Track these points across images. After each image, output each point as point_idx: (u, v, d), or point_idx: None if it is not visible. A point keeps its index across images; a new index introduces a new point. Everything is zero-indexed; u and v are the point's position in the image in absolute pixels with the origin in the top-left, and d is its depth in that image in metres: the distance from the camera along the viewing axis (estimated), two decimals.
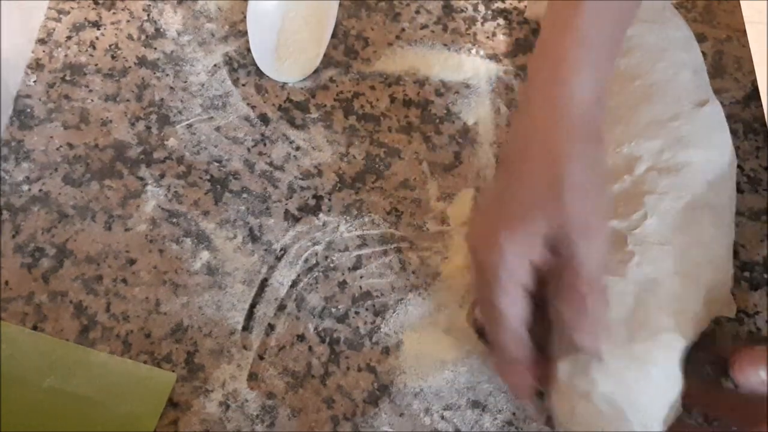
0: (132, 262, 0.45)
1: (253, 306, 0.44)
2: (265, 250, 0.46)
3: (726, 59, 0.54)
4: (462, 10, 0.55)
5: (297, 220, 0.47)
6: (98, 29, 0.53)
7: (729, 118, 0.51)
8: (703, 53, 0.54)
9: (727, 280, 0.44)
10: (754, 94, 0.53)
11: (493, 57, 0.53)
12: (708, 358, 0.44)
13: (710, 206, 0.44)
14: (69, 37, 0.52)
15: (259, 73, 0.52)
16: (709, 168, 0.45)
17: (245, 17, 0.52)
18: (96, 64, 0.51)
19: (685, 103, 0.47)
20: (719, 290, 0.43)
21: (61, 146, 0.48)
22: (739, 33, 0.55)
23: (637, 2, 0.42)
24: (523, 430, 0.42)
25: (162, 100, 0.50)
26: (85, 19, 0.53)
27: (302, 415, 0.42)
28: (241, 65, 0.52)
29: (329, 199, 0.48)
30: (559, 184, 0.37)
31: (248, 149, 0.49)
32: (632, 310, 0.40)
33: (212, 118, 0.50)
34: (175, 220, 0.46)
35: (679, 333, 0.40)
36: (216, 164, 0.48)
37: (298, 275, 0.45)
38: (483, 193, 0.48)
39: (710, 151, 0.45)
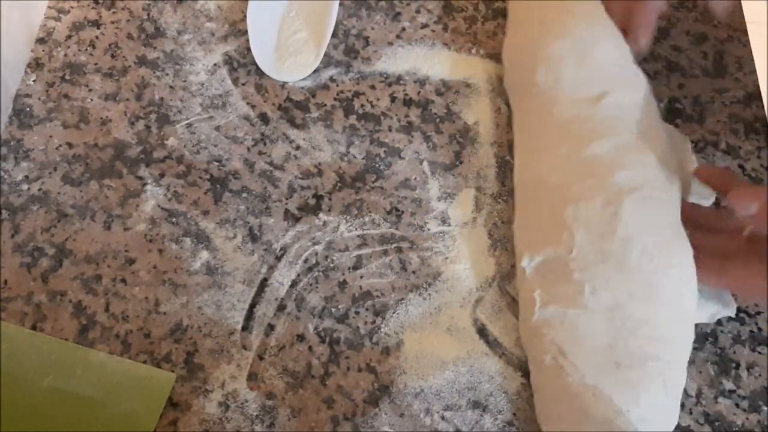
0: (131, 261, 0.45)
1: (252, 306, 0.44)
2: (265, 249, 0.46)
3: (727, 59, 0.54)
4: (462, 10, 0.55)
5: (297, 219, 0.47)
6: (98, 28, 0.52)
7: (730, 117, 0.51)
8: (704, 53, 0.54)
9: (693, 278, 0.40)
10: (755, 93, 0.53)
11: (494, 56, 0.53)
12: (709, 358, 0.44)
13: (639, 197, 0.41)
14: (69, 37, 0.52)
15: (259, 73, 0.51)
16: (617, 152, 0.42)
17: (245, 16, 0.52)
18: (96, 64, 0.51)
19: (583, 100, 0.44)
20: (692, 294, 0.40)
21: (60, 145, 0.48)
22: (740, 33, 0.55)
23: None
24: (523, 430, 0.42)
25: (162, 99, 0.50)
26: (85, 18, 0.53)
27: (302, 415, 0.42)
28: (241, 65, 0.52)
29: (329, 199, 0.48)
30: None
31: (248, 149, 0.49)
32: (609, 340, 0.39)
33: (212, 117, 0.50)
34: (174, 219, 0.46)
35: (664, 361, 0.39)
36: (216, 164, 0.48)
37: (298, 275, 0.45)
38: None
39: (615, 137, 0.43)
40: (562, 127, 0.45)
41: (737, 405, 0.43)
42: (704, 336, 0.44)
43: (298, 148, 0.49)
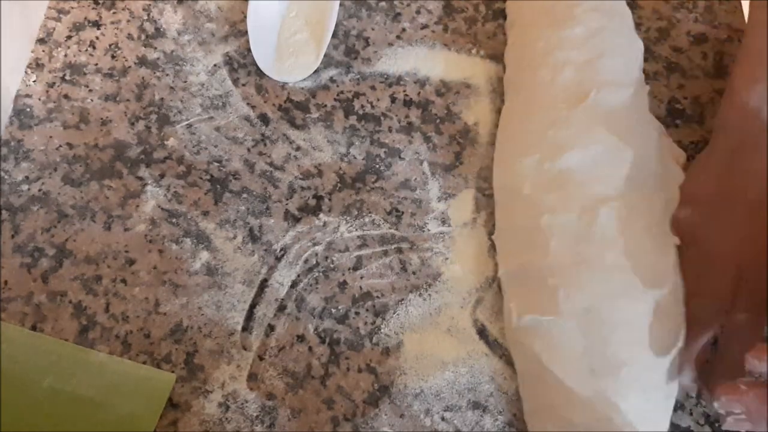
0: (131, 262, 0.45)
1: (252, 306, 0.44)
2: (265, 250, 0.46)
3: (727, 60, 0.54)
4: (462, 10, 0.55)
5: (297, 220, 0.47)
6: (98, 29, 0.52)
7: None
8: (704, 53, 0.54)
9: (673, 273, 0.40)
10: None
11: (494, 57, 0.53)
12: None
13: (616, 205, 0.41)
14: (69, 37, 0.52)
15: (260, 73, 0.52)
16: (592, 164, 0.42)
17: (245, 17, 0.52)
18: (96, 64, 0.51)
19: (562, 105, 0.44)
20: (669, 290, 0.40)
21: (60, 146, 0.48)
22: (740, 33, 0.55)
23: None
24: (523, 431, 0.42)
25: (162, 99, 0.50)
26: (85, 18, 0.53)
27: (302, 415, 0.42)
28: (241, 65, 0.52)
29: (329, 199, 0.48)
30: None
31: (248, 149, 0.49)
32: (584, 346, 0.39)
33: (212, 118, 0.50)
34: (174, 220, 0.46)
35: (641, 366, 0.38)
36: (216, 164, 0.48)
37: (298, 275, 0.45)
38: None
39: (590, 147, 0.42)
40: (536, 134, 0.44)
41: None
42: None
43: (298, 148, 0.49)
